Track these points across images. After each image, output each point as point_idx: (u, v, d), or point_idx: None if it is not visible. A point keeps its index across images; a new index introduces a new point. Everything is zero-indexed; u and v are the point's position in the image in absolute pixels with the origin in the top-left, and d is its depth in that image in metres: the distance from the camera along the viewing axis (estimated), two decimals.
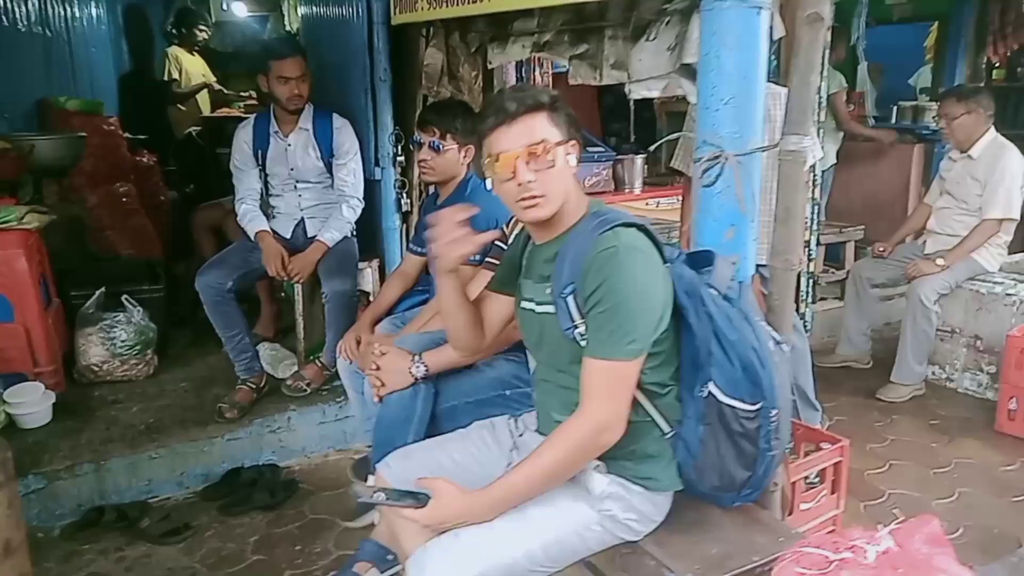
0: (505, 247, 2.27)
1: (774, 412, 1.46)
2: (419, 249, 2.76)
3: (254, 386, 3.01)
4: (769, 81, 1.79)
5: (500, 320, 1.76)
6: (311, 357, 3.21)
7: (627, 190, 3.90)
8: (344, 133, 3.01)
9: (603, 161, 3.75)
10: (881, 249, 3.87)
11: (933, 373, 3.72)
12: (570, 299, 1.42)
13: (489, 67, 2.76)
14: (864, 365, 3.89)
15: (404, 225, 3.29)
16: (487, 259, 2.32)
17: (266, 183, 3.12)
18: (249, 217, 3.01)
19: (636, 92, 2.01)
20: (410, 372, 2.03)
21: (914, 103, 5.35)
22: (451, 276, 1.64)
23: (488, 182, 1.49)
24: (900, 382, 3.56)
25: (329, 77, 3.26)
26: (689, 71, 1.92)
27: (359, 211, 3.05)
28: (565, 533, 1.45)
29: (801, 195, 1.64)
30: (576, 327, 1.42)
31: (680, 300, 1.46)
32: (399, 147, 3.17)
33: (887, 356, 3.72)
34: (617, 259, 1.36)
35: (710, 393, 1.46)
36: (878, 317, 4.14)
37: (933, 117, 4.94)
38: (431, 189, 3.22)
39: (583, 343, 1.42)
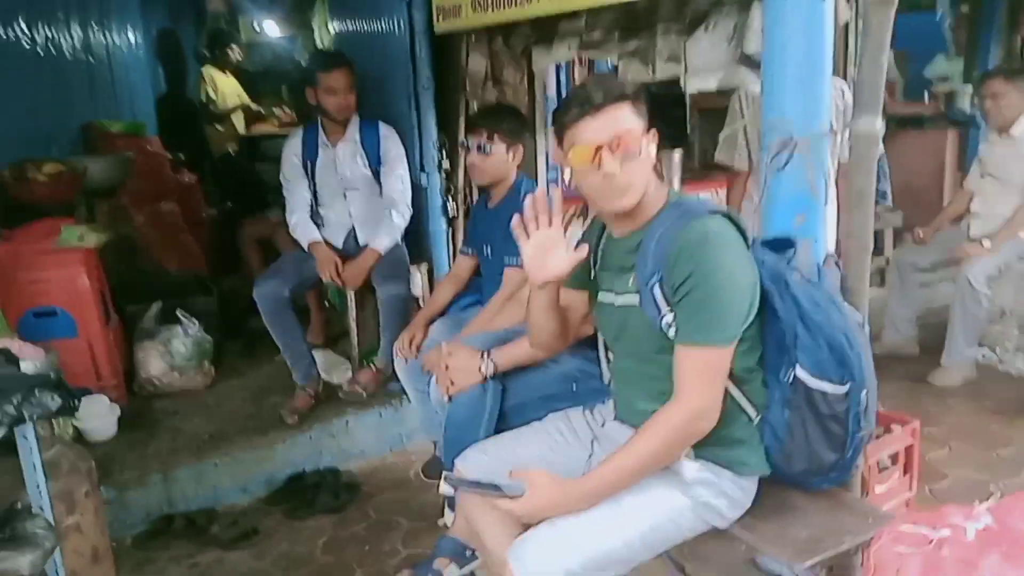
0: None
1: (863, 393, 1.47)
2: (470, 251, 2.79)
3: (312, 392, 3.05)
4: None
5: (579, 317, 1.78)
6: (365, 362, 3.25)
7: None
8: (391, 141, 3.06)
9: None
10: (921, 235, 3.84)
11: (984, 356, 3.66)
12: (656, 289, 1.43)
13: (533, 69, 2.77)
14: (911, 352, 3.85)
15: (450, 229, 3.33)
16: None
17: (315, 193, 3.17)
18: (302, 228, 3.06)
19: (693, 85, 2.02)
20: (479, 370, 2.06)
21: (948, 87, 5.30)
22: (545, 289, 1.64)
23: (566, 173, 1.51)
24: (951, 366, 3.52)
25: (371, 88, 3.31)
26: (748, 61, 1.93)
27: (408, 217, 3.10)
28: (660, 520, 1.46)
29: (873, 177, 1.64)
30: (663, 316, 1.43)
31: (765, 285, 1.47)
32: (443, 153, 3.21)
33: (933, 343, 3.68)
34: (707, 248, 1.37)
35: (796, 377, 1.47)
36: (921, 303, 4.10)
37: (974, 99, 4.90)
38: (479, 193, 3.28)
39: (671, 332, 1.43)
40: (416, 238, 3.25)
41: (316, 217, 3.16)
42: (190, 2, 6.04)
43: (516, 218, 1.57)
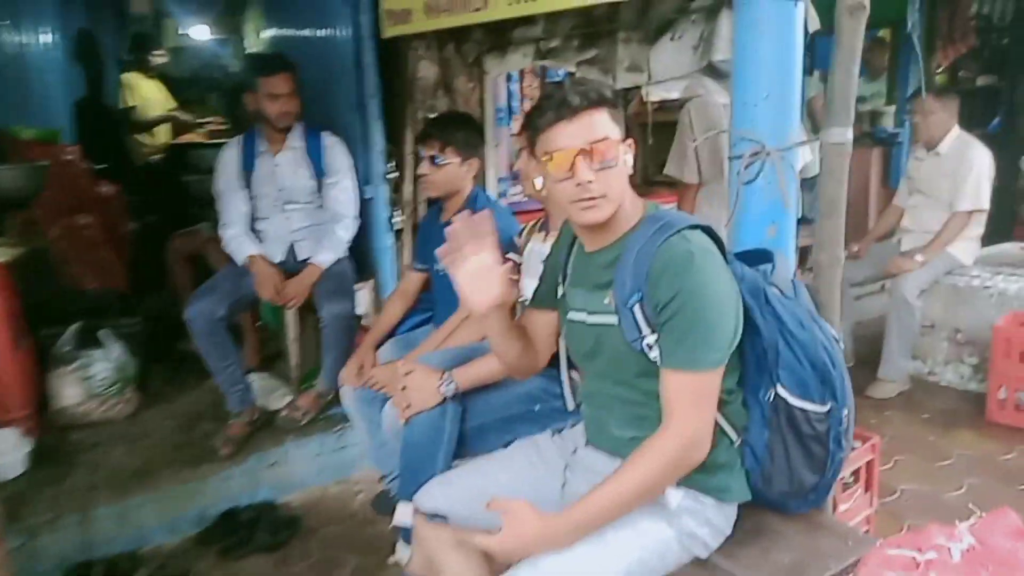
0: (519, 260, 2.20)
1: (844, 412, 1.42)
2: (420, 266, 2.67)
3: (248, 419, 2.84)
4: None
5: (549, 336, 1.68)
6: (305, 385, 3.06)
7: None
8: (336, 151, 2.90)
9: None
10: (856, 250, 3.94)
11: (915, 368, 3.78)
12: (636, 309, 1.34)
13: (486, 78, 2.68)
14: (847, 364, 3.91)
15: (397, 244, 3.19)
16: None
17: (252, 206, 2.98)
18: (237, 242, 2.86)
19: (655, 93, 1.97)
20: (438, 391, 1.93)
21: (871, 108, 5.51)
22: (493, 316, 1.53)
23: (539, 182, 1.41)
24: (888, 378, 3.60)
25: (314, 97, 3.14)
26: (713, 71, 1.89)
27: (354, 230, 2.94)
28: (647, 554, 1.36)
29: (844, 188, 1.61)
30: (644, 338, 1.35)
31: (744, 301, 1.40)
32: (390, 164, 3.07)
33: (867, 354, 3.76)
34: (692, 266, 1.29)
35: (777, 396, 1.41)
36: (854, 317, 4.20)
37: (898, 119, 5.10)
38: (429, 205, 3.15)
39: (652, 355, 1.35)
40: (361, 254, 3.09)
41: (253, 231, 2.98)
42: (111, 2, 5.68)
43: (442, 249, 1.49)
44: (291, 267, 2.94)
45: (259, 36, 4.83)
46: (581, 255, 1.53)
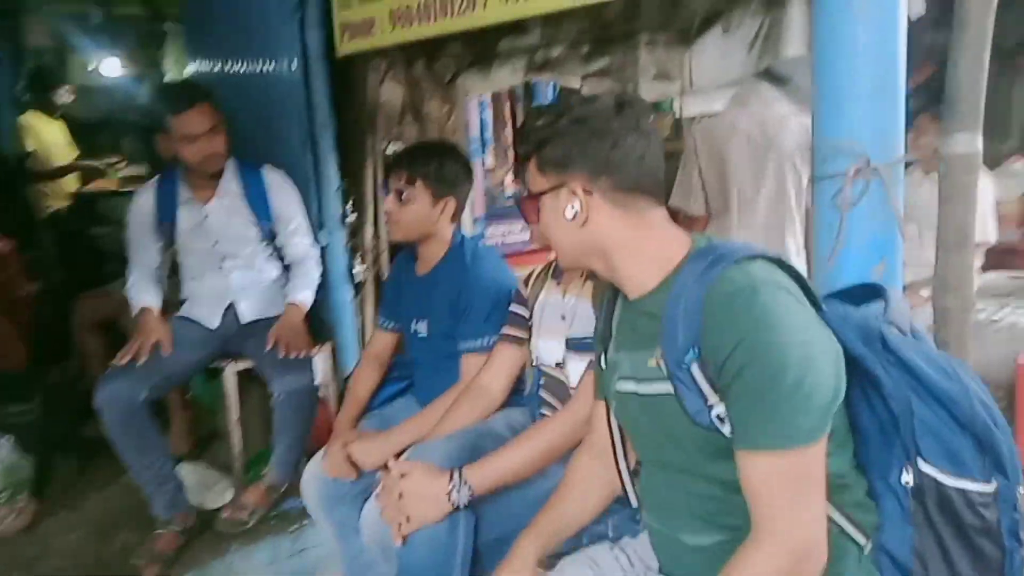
0: (522, 309, 1.78)
1: (1019, 491, 1.04)
2: (390, 325, 2.19)
3: (180, 527, 2.27)
4: None
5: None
6: (251, 476, 2.50)
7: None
8: (284, 190, 2.42)
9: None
10: None
11: None
12: (695, 368, 0.99)
13: (465, 100, 2.27)
14: None
15: (358, 297, 2.70)
16: (505, 331, 1.81)
17: (173, 262, 2.45)
18: (136, 289, 2.38)
19: (692, 107, 1.60)
20: (448, 499, 1.45)
21: None
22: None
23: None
24: None
25: (252, 131, 2.66)
26: (769, 75, 1.54)
27: (320, 271, 2.49)
28: None
29: (974, 212, 1.26)
30: (711, 408, 0.99)
31: (853, 350, 1.04)
32: (348, 205, 2.60)
33: None
34: (756, 302, 0.94)
35: (920, 475, 1.03)
36: None
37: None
38: (396, 252, 2.69)
39: (726, 429, 0.98)
40: (314, 311, 2.56)
41: (180, 290, 2.45)
42: (5, 34, 5.02)
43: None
44: (233, 332, 2.42)
45: (183, 69, 4.30)
46: (623, 307, 1.18)
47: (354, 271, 2.63)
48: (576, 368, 1.59)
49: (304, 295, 2.40)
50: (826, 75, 1.30)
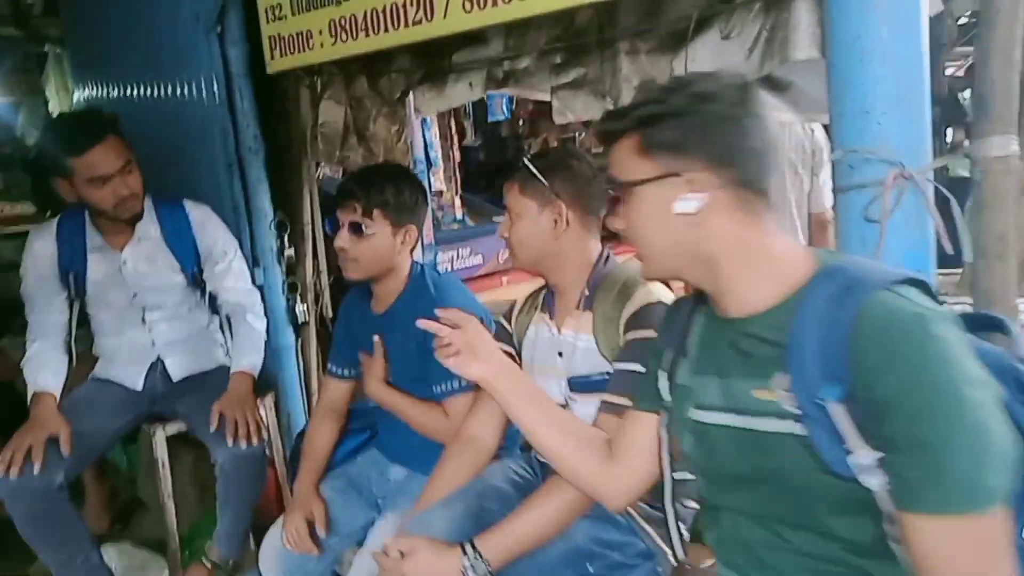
0: (507, 346, 1.61)
1: None
2: (343, 371, 1.96)
3: None
4: None
5: (650, 453, 1.10)
6: (191, 555, 2.18)
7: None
8: (210, 226, 2.12)
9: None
10: None
11: None
12: (836, 408, 0.83)
13: (418, 117, 2.07)
14: None
15: (299, 340, 2.43)
16: None
17: (82, 316, 2.11)
18: (33, 364, 1.99)
19: None
20: None
21: None
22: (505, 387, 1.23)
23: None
24: None
25: (167, 159, 2.36)
26: (770, 81, 1.44)
27: (264, 321, 2.17)
28: None
29: (1011, 218, 1.20)
30: (851, 454, 0.83)
31: None
32: (284, 237, 2.34)
33: None
34: (928, 338, 0.80)
35: None
36: None
37: None
38: (339, 288, 2.45)
39: (873, 482, 0.83)
40: None
41: (94, 349, 2.12)
42: None
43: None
44: (159, 393, 2.10)
45: (69, 95, 3.86)
46: (712, 325, 1.01)
47: (297, 311, 2.36)
48: (585, 412, 1.42)
49: (251, 359, 2.06)
50: (846, 80, 1.21)
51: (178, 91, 2.40)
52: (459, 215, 2.93)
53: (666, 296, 1.39)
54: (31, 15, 3.89)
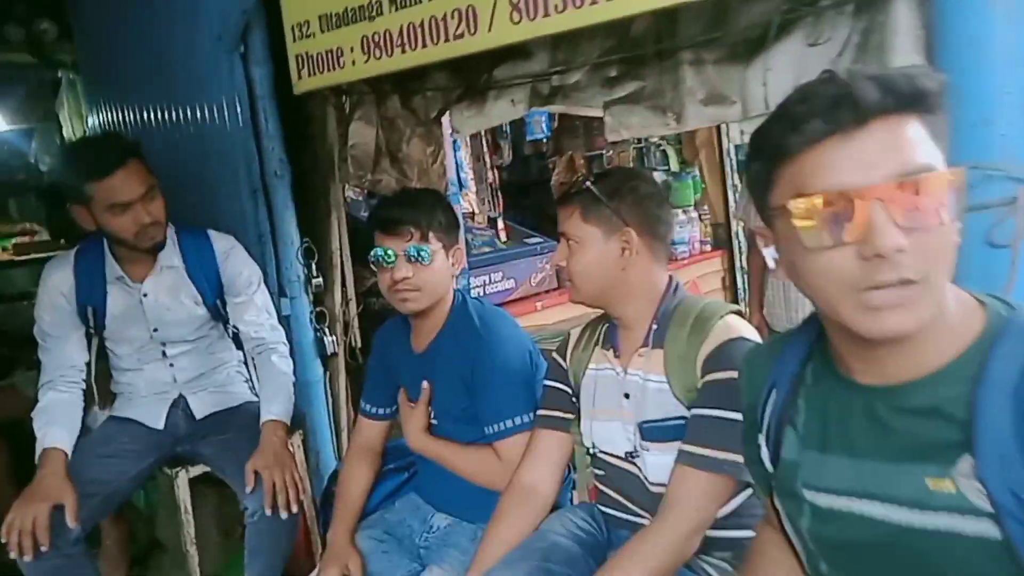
0: (563, 385, 1.48)
1: None
2: (379, 411, 1.83)
3: None
4: None
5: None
6: None
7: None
8: (235, 257, 2.00)
9: (545, 253, 3.03)
10: None
11: None
12: None
13: (452, 137, 1.95)
14: None
15: (327, 374, 2.30)
16: (544, 412, 1.50)
17: (103, 352, 1.99)
18: (45, 419, 1.84)
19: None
20: None
21: None
22: None
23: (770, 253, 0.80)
24: None
25: (188, 186, 2.25)
26: None
27: (290, 359, 2.04)
28: None
29: None
30: None
31: None
32: (312, 265, 2.22)
33: None
34: None
35: None
36: None
37: None
38: (368, 316, 2.33)
39: None
40: None
41: (112, 386, 2.00)
42: None
43: None
44: (183, 433, 1.97)
45: (83, 121, 3.78)
46: (838, 391, 0.84)
47: (326, 342, 2.23)
48: (659, 462, 1.28)
49: (282, 406, 1.92)
50: (960, 87, 1.08)
51: (199, 114, 2.30)
52: (502, 237, 2.81)
53: (747, 331, 1.25)
54: (44, 41, 3.83)
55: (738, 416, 1.10)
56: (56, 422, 1.83)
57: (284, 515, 1.72)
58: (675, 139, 3.75)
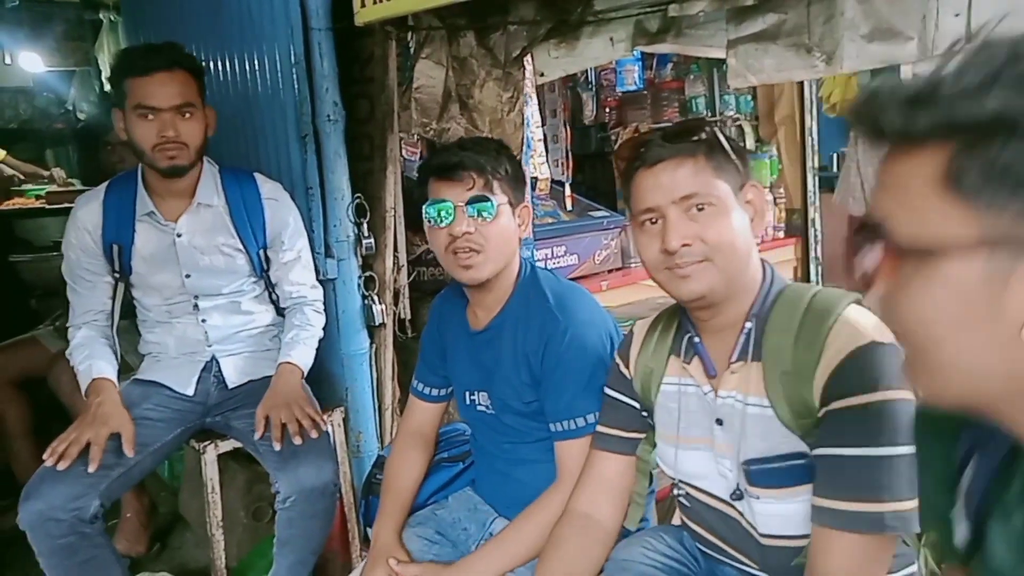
0: (626, 398, 1.22)
1: None
2: (432, 392, 1.60)
3: None
4: None
5: None
6: None
7: (634, 265, 2.88)
8: (283, 205, 1.79)
9: (611, 228, 2.76)
10: None
11: None
12: None
13: (540, 82, 1.69)
14: None
15: (373, 346, 2.07)
16: (603, 429, 1.25)
17: (131, 303, 1.80)
18: (86, 351, 1.69)
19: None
20: None
21: None
22: None
23: None
24: None
25: (232, 128, 2.02)
26: None
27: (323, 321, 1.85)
28: None
29: None
30: None
31: None
32: (363, 225, 1.99)
33: None
34: None
35: None
36: None
37: None
38: (421, 287, 2.11)
39: None
40: (318, 367, 1.92)
41: (140, 347, 1.81)
42: None
43: None
44: (214, 402, 1.77)
45: None
46: None
47: (374, 312, 1.99)
48: (771, 511, 1.01)
49: (302, 353, 1.77)
50: None
51: (246, 51, 2.06)
52: (567, 205, 2.55)
53: (879, 330, 0.91)
54: None
55: (891, 452, 0.86)
56: (99, 356, 1.69)
57: (297, 441, 1.58)
58: (753, 114, 3.44)
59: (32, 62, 4.46)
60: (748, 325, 1.03)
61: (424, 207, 1.36)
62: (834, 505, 0.90)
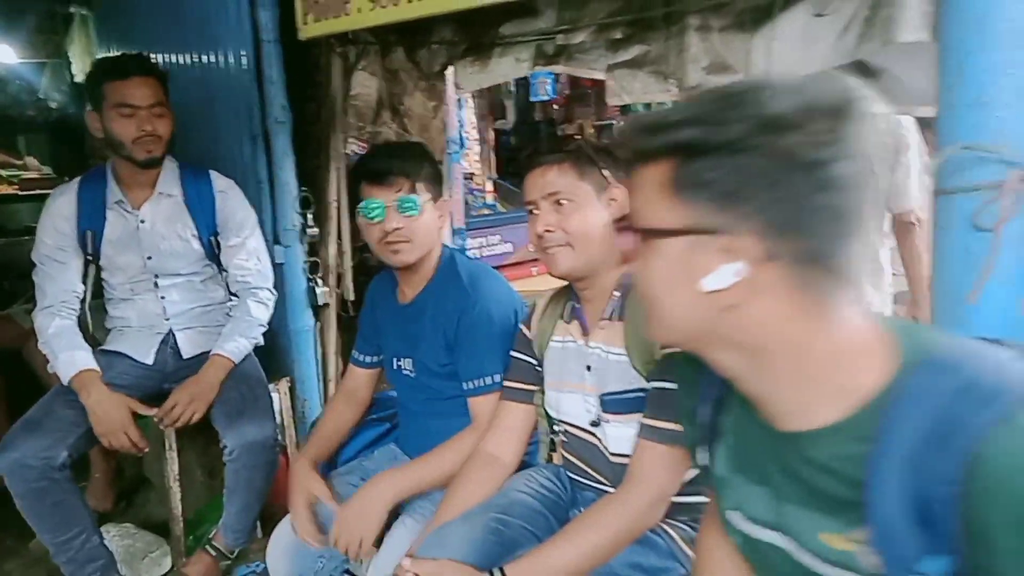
0: (528, 357, 1.48)
1: None
2: (366, 359, 1.84)
3: None
4: None
5: None
6: (194, 542, 2.09)
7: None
8: (232, 198, 2.02)
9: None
10: None
11: None
12: None
13: (457, 95, 1.94)
14: None
15: (318, 324, 2.32)
16: (509, 383, 1.50)
17: (99, 281, 2.02)
18: (64, 342, 1.87)
19: None
20: None
21: None
22: None
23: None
24: None
25: (191, 128, 2.25)
26: (863, 68, 1.30)
27: (272, 306, 2.06)
28: None
29: None
30: None
31: None
32: (308, 215, 2.22)
33: None
34: None
35: None
36: None
37: None
38: (363, 271, 2.34)
39: None
40: (271, 340, 2.17)
41: (95, 319, 2.03)
42: None
43: None
44: (171, 370, 2.00)
45: (95, 57, 3.76)
46: (754, 428, 0.80)
47: (317, 293, 2.24)
48: (619, 434, 1.28)
49: (237, 345, 1.97)
50: (963, 67, 1.06)
51: (204, 57, 2.29)
52: (489, 200, 2.80)
53: None
54: None
55: None
56: (79, 346, 1.89)
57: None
58: None
59: (4, 54, 4.62)
60: (616, 294, 1.30)
61: (358, 207, 1.60)
62: (653, 423, 1.18)
